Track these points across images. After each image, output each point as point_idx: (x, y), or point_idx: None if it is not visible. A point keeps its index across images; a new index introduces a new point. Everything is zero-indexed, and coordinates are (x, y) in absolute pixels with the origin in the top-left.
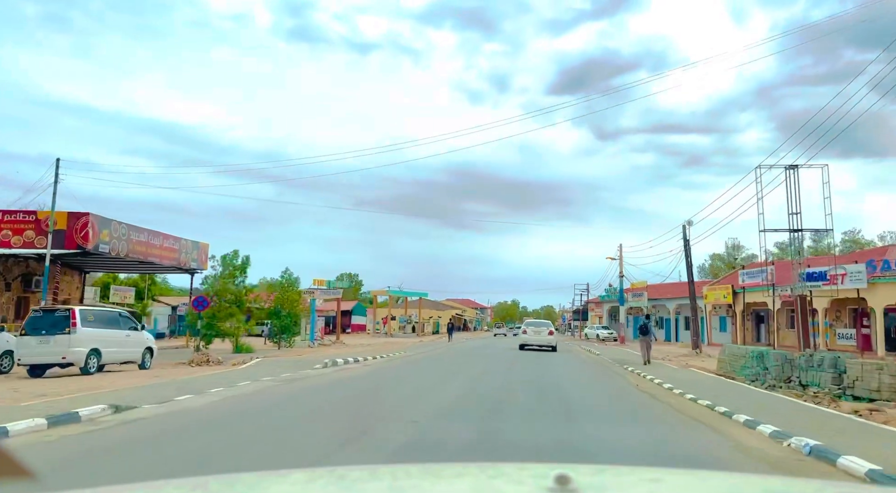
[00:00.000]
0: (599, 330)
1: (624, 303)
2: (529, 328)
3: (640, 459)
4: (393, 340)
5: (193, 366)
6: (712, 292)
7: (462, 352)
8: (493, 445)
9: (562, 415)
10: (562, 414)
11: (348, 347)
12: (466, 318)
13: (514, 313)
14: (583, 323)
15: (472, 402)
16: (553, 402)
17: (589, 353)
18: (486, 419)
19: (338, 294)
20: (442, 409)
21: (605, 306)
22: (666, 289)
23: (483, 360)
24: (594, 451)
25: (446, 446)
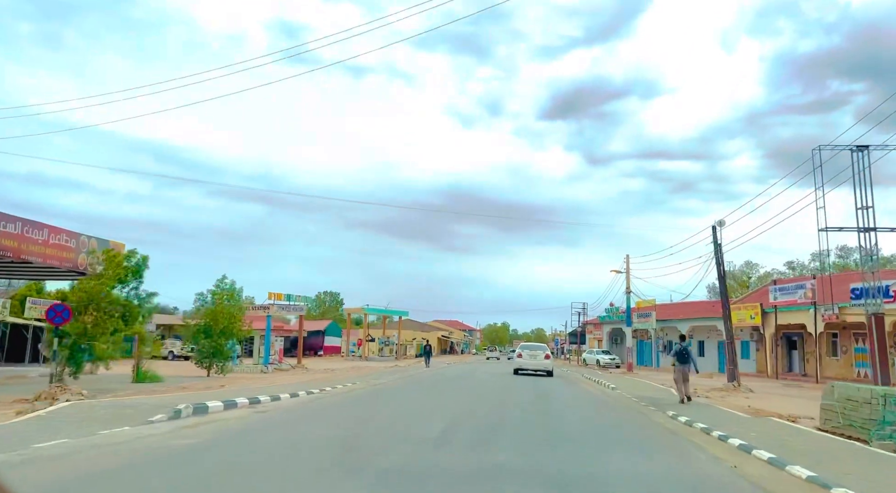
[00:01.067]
0: (600, 355)
1: (631, 324)
2: (525, 352)
3: None
4: (366, 364)
5: (36, 403)
6: (737, 311)
7: (439, 381)
8: None
9: None
10: None
11: (306, 373)
12: (453, 340)
13: (505, 336)
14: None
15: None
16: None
17: (597, 385)
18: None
19: (300, 310)
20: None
21: (606, 327)
22: (676, 309)
23: (460, 396)
24: None
25: None
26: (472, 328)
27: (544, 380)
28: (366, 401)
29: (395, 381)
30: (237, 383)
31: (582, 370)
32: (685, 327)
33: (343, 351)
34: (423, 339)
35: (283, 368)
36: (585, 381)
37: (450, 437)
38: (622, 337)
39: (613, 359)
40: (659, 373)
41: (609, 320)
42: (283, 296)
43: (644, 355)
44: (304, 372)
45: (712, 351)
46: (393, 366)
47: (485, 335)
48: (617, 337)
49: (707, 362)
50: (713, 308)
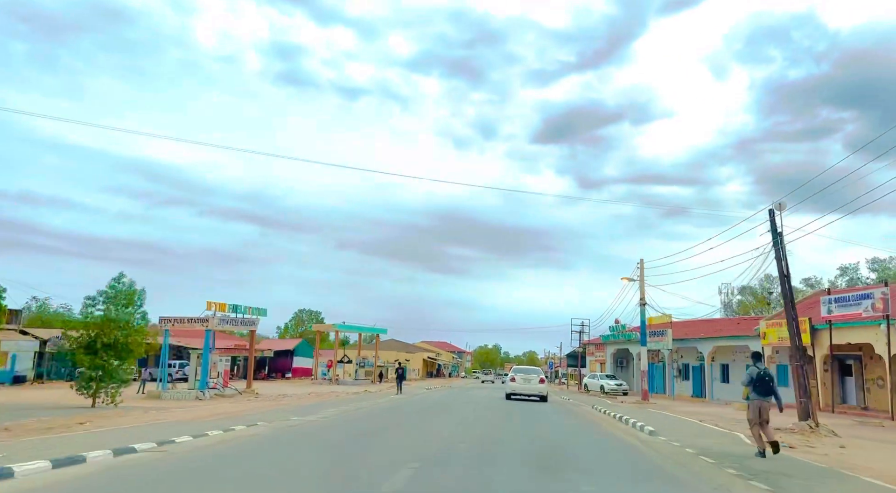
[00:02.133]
0: (604, 380)
1: (646, 342)
2: (518, 376)
3: None
4: (332, 389)
5: None
6: (774, 328)
7: (403, 414)
8: None
9: None
10: None
11: (250, 401)
12: (440, 362)
13: (496, 359)
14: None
15: None
16: None
17: (621, 424)
18: None
19: (251, 324)
20: None
21: (609, 348)
22: (696, 327)
23: (420, 445)
24: None
25: None
26: (462, 350)
27: (548, 419)
28: (265, 450)
29: (350, 413)
30: (129, 417)
31: (585, 399)
32: (707, 347)
33: (315, 374)
34: (396, 360)
35: (227, 393)
36: (602, 418)
37: None
38: (628, 359)
39: (620, 385)
40: (682, 404)
41: (614, 340)
42: (228, 307)
43: (654, 381)
44: (249, 399)
45: (739, 376)
46: (363, 391)
47: (475, 358)
48: (622, 359)
49: (736, 389)
50: (739, 325)
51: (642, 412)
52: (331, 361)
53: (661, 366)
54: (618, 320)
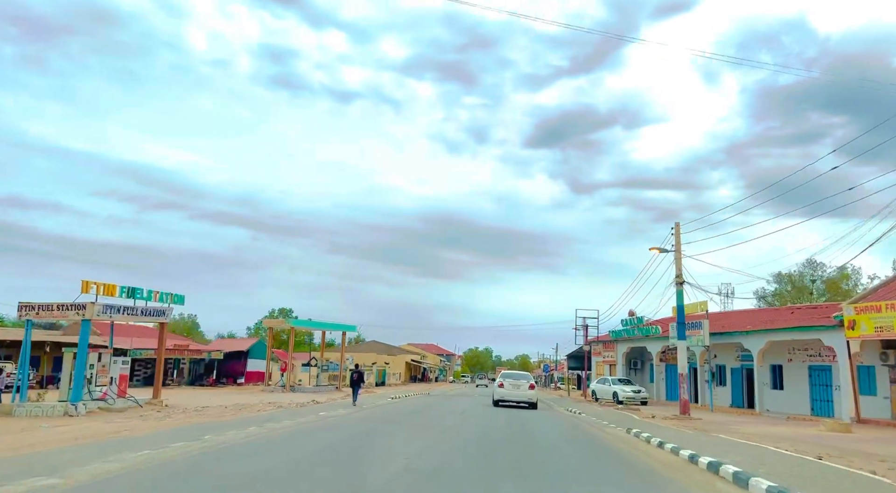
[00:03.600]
0: (618, 386)
1: (685, 336)
2: (507, 381)
3: None
4: (278, 398)
5: None
6: (867, 315)
7: (334, 443)
8: None
9: None
10: None
11: (147, 419)
12: (425, 365)
13: (487, 362)
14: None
15: None
16: None
17: (697, 475)
18: None
19: (160, 315)
20: None
21: (621, 346)
22: (737, 319)
23: None
24: None
25: None
26: (451, 353)
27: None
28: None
29: (251, 439)
30: None
31: (598, 412)
32: (757, 342)
33: (267, 379)
34: (402, 364)
35: (117, 406)
36: (653, 454)
37: None
38: (643, 360)
39: (638, 392)
40: (733, 419)
41: (628, 337)
42: (118, 289)
43: (673, 385)
44: (146, 415)
45: (799, 381)
46: (310, 402)
47: (465, 361)
48: (636, 360)
49: (794, 398)
50: (805, 314)
51: (704, 440)
52: (285, 363)
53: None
54: (632, 312)
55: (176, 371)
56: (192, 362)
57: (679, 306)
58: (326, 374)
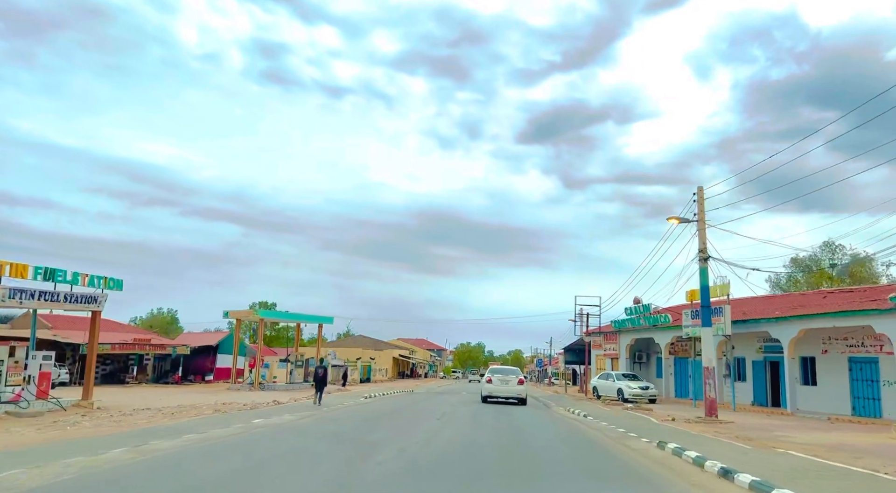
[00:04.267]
0: (623, 382)
1: (710, 321)
2: (495, 377)
3: None
4: (244, 398)
5: None
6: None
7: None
8: None
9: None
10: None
11: (61, 427)
12: (414, 361)
13: (479, 357)
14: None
15: None
16: None
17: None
18: None
19: (92, 303)
20: None
21: (624, 338)
22: (762, 305)
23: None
24: None
25: None
26: (441, 348)
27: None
28: None
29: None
30: None
31: (604, 413)
32: (789, 331)
33: (232, 376)
34: (390, 359)
35: (28, 410)
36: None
37: None
38: (649, 353)
39: (646, 388)
40: (765, 421)
41: (633, 327)
42: (30, 270)
43: (682, 381)
44: (66, 421)
45: (836, 375)
46: (271, 403)
47: (457, 356)
48: (641, 353)
49: (830, 396)
50: (833, 300)
51: (781, 462)
52: (254, 358)
53: (687, 361)
54: (638, 299)
55: (137, 368)
56: (156, 359)
57: (703, 287)
58: (302, 370)
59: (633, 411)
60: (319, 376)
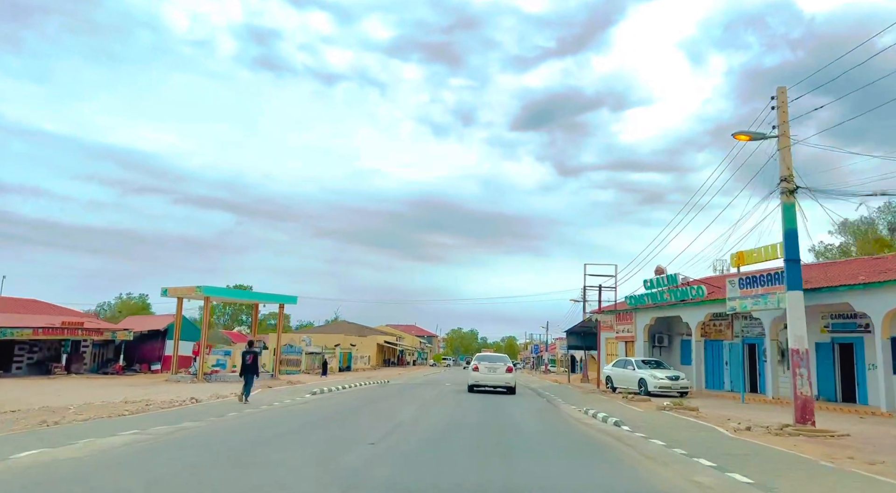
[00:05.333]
0: (647, 370)
1: (800, 283)
2: (482, 364)
3: None
4: (163, 392)
5: None
6: None
7: None
8: None
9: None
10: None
11: None
12: (403, 347)
13: (472, 344)
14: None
15: None
16: None
17: None
18: None
19: None
20: None
21: (642, 318)
22: (824, 272)
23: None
24: None
25: None
26: (432, 334)
27: None
28: None
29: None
30: None
31: (631, 413)
32: (882, 303)
33: (173, 365)
34: (375, 345)
35: None
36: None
37: None
38: (672, 334)
39: (676, 378)
40: (861, 416)
41: (653, 303)
42: None
43: (716, 368)
44: None
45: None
46: (188, 401)
47: (448, 343)
48: (662, 335)
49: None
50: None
51: None
52: (198, 344)
53: (721, 344)
54: (661, 269)
55: (71, 357)
56: (97, 346)
57: (789, 231)
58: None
59: (674, 412)
60: (247, 364)
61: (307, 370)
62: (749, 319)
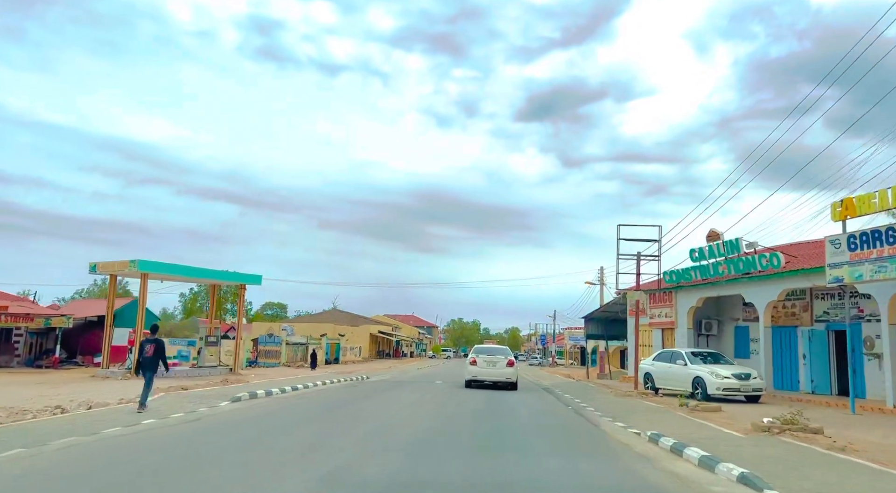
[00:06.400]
0: (705, 366)
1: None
2: (480, 357)
3: None
4: (84, 391)
5: None
6: None
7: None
8: None
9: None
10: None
11: None
12: (399, 338)
13: (474, 336)
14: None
15: None
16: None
17: None
18: None
19: None
20: None
21: (685, 299)
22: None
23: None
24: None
25: None
26: (432, 324)
27: None
28: None
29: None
30: None
31: (733, 445)
32: None
33: (104, 360)
34: (367, 336)
35: None
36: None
37: None
38: (721, 320)
39: (746, 377)
40: None
41: (703, 280)
42: None
43: (789, 363)
44: None
45: None
46: (79, 407)
47: (449, 334)
48: (710, 321)
49: None
50: None
51: None
52: (133, 332)
53: (793, 330)
54: (716, 233)
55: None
56: (33, 335)
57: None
58: (216, 349)
59: (789, 437)
60: (146, 358)
61: (288, 363)
62: (837, 297)
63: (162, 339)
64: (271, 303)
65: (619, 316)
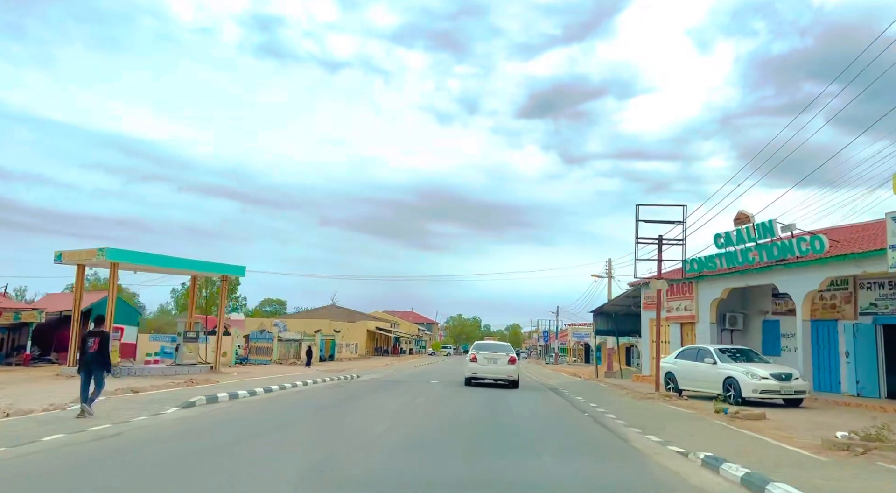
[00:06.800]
0: (736, 365)
1: None
2: (481, 354)
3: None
4: (48, 393)
5: None
6: None
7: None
8: None
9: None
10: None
11: None
12: (398, 334)
13: (475, 332)
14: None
15: None
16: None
17: None
18: None
19: None
20: None
21: (707, 290)
22: None
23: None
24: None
25: None
26: (431, 321)
27: None
28: None
29: None
30: None
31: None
32: None
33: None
34: (364, 332)
35: None
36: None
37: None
38: (748, 314)
39: (787, 377)
40: None
41: (730, 268)
42: None
43: (829, 361)
44: None
45: None
46: (11, 414)
47: (449, 331)
48: (735, 314)
49: None
50: None
51: None
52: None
53: (855, 328)
54: (745, 215)
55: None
56: (3, 331)
57: None
58: (196, 346)
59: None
60: (90, 353)
61: (280, 360)
62: (888, 287)
63: (108, 332)
64: (270, 299)
65: (632, 310)
